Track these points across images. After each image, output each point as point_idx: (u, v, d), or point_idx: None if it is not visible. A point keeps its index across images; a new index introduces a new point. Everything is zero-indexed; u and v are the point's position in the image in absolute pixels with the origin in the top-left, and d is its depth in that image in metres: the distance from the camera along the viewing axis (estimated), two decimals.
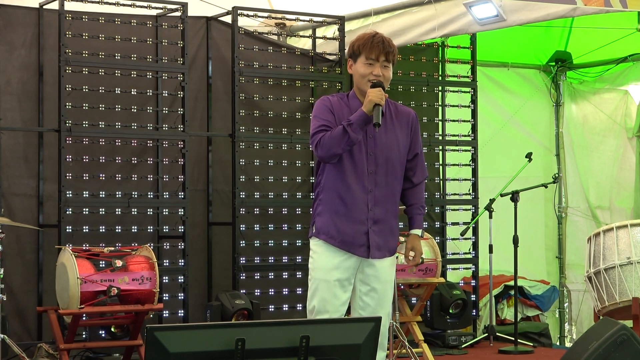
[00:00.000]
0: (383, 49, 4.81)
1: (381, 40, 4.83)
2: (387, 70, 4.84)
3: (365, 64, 4.84)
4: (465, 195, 9.28)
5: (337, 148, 4.75)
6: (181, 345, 3.37)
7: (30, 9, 7.99)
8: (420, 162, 5.00)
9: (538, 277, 10.03)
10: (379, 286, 4.87)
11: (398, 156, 4.89)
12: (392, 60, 4.86)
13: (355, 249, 4.83)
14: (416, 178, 4.99)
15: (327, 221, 4.86)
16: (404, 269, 7.76)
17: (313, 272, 4.89)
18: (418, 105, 9.18)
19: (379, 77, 4.80)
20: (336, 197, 4.84)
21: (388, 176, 4.86)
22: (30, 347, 7.59)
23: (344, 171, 4.82)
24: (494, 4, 7.61)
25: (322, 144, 4.76)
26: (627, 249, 7.04)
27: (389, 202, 4.88)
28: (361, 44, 4.86)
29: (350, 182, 4.82)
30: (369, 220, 4.83)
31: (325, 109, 4.87)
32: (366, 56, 4.83)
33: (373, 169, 4.84)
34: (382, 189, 4.85)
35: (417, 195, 5.01)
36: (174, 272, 7.97)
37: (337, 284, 4.81)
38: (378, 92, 4.73)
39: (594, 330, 5.19)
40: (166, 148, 8.20)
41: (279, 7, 9.15)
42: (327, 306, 4.81)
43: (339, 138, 4.73)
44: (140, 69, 8.02)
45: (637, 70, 9.87)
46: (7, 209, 7.64)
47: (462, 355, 8.38)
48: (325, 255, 4.85)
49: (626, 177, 9.94)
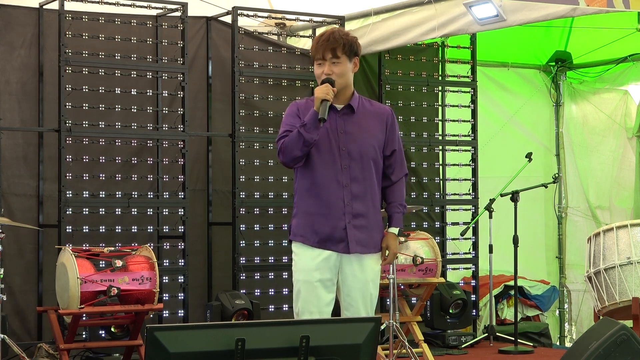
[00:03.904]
0: (327, 46, 4.79)
1: (326, 39, 4.81)
2: (338, 65, 4.80)
3: (317, 65, 4.85)
4: (465, 195, 9.28)
5: (296, 151, 4.73)
6: (181, 345, 3.37)
7: (30, 9, 7.99)
8: (398, 159, 4.97)
9: (538, 277, 10.04)
10: (363, 284, 4.82)
11: (373, 151, 4.85)
12: (342, 54, 4.80)
13: (334, 245, 4.79)
14: (394, 175, 4.96)
15: (301, 222, 4.84)
16: (404, 269, 7.76)
17: (295, 275, 4.87)
18: (418, 105, 9.18)
19: (328, 75, 4.79)
20: (309, 197, 4.82)
21: (365, 171, 4.83)
22: (30, 347, 7.59)
23: (314, 170, 4.80)
24: (494, 4, 7.61)
25: (283, 150, 4.77)
26: (627, 249, 7.04)
27: (368, 197, 4.84)
28: (311, 47, 4.89)
29: (321, 180, 4.79)
30: (347, 215, 4.79)
31: (291, 114, 4.87)
32: (315, 58, 4.85)
33: (347, 164, 4.81)
34: (359, 183, 4.82)
35: (395, 193, 4.96)
36: (174, 272, 7.97)
37: (319, 285, 4.78)
38: (324, 87, 4.72)
39: (594, 330, 5.19)
40: (166, 148, 8.20)
41: (279, 7, 9.14)
42: (311, 307, 4.77)
43: (296, 141, 4.71)
44: (140, 69, 8.02)
45: (637, 70, 9.87)
46: (7, 209, 7.64)
47: (462, 355, 8.38)
48: (305, 256, 4.82)
49: (626, 177, 9.94)
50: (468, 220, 9.20)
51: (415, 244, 7.91)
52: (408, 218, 9.03)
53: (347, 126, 4.83)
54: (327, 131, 4.80)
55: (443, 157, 9.33)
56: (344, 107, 4.88)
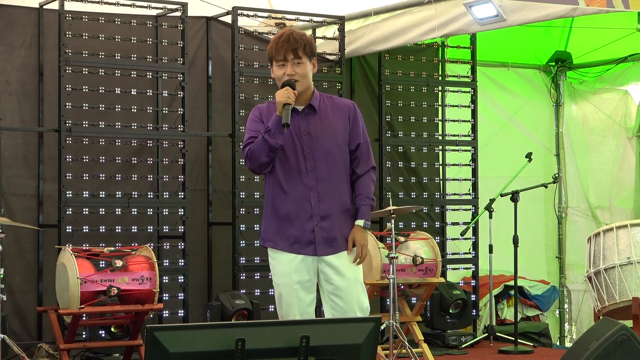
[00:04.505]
0: (289, 47, 4.75)
1: (286, 39, 4.76)
2: (300, 66, 4.77)
3: (278, 66, 4.79)
4: (465, 195, 9.28)
5: (263, 157, 4.70)
6: (181, 345, 3.37)
7: (30, 9, 7.99)
8: (364, 152, 4.90)
9: (538, 277, 10.04)
10: (343, 283, 4.78)
11: (338, 148, 4.82)
12: (303, 54, 4.77)
13: (303, 248, 4.77)
14: (360, 169, 4.90)
15: (269, 228, 4.83)
16: (404, 269, 7.76)
17: (274, 279, 4.84)
18: (418, 105, 9.18)
19: (292, 76, 4.75)
20: (276, 202, 4.80)
21: (331, 170, 4.80)
22: (30, 347, 7.59)
23: (279, 174, 4.78)
24: (494, 4, 7.61)
25: (249, 157, 4.73)
26: (627, 249, 7.04)
27: (336, 196, 4.81)
28: (270, 47, 4.81)
29: (288, 184, 4.77)
30: (315, 217, 4.77)
31: (254, 119, 4.82)
32: (276, 59, 4.79)
33: (312, 165, 4.78)
34: (325, 183, 4.79)
35: (362, 185, 4.89)
36: (174, 272, 7.97)
37: (298, 287, 4.76)
38: (284, 91, 4.68)
39: (594, 330, 5.19)
40: (166, 148, 8.20)
41: (279, 7, 9.14)
42: (293, 310, 4.75)
43: (261, 147, 4.67)
44: (140, 69, 8.02)
45: (637, 70, 9.87)
46: (7, 209, 7.64)
47: (462, 355, 8.38)
48: (280, 260, 4.80)
49: (626, 177, 9.95)
50: (468, 220, 9.20)
51: (415, 244, 7.91)
52: (408, 218, 9.04)
53: (310, 126, 4.80)
54: (290, 134, 4.76)
55: (443, 157, 9.33)
56: (305, 107, 4.83)
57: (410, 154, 9.16)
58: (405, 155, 9.23)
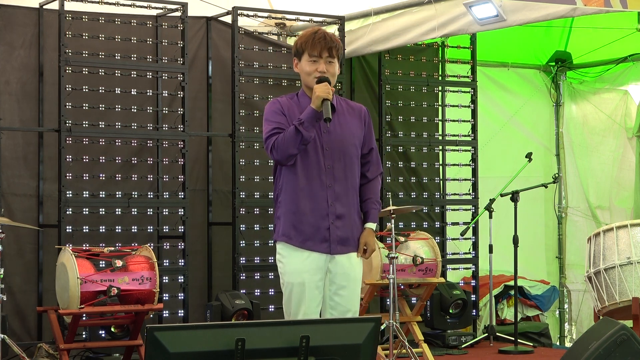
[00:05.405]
0: (325, 45, 4.78)
1: (323, 37, 4.80)
2: (332, 65, 4.81)
3: (309, 62, 4.81)
4: (465, 195, 9.28)
5: (293, 149, 4.71)
6: (181, 345, 3.38)
7: (30, 9, 8.00)
8: (375, 157, 4.97)
9: (538, 277, 10.04)
10: (348, 284, 4.81)
11: (355, 150, 4.86)
12: (336, 55, 4.82)
13: (317, 245, 4.77)
14: (370, 173, 4.95)
15: (286, 223, 4.81)
16: (404, 269, 7.76)
17: (284, 277, 4.82)
18: (418, 105, 9.18)
19: (324, 73, 4.78)
20: (294, 197, 4.80)
21: (347, 170, 4.83)
22: (30, 347, 7.59)
23: (299, 170, 4.78)
24: (494, 4, 7.61)
25: (276, 147, 4.72)
26: (627, 249, 7.04)
27: (350, 196, 4.84)
28: (303, 41, 4.83)
29: (307, 180, 4.78)
30: (330, 215, 4.78)
31: (276, 111, 4.83)
32: (309, 54, 4.80)
33: (330, 164, 4.80)
34: (341, 183, 4.81)
35: (372, 190, 4.95)
36: (174, 272, 7.97)
37: (311, 286, 4.76)
38: (324, 87, 4.70)
39: (594, 330, 5.19)
40: (166, 148, 8.20)
41: (279, 7, 9.15)
42: (303, 308, 4.75)
43: (293, 138, 4.69)
44: (140, 69, 8.02)
45: (637, 70, 9.87)
46: (7, 209, 7.64)
47: (462, 355, 8.38)
48: (292, 258, 4.80)
49: (626, 177, 9.95)
50: (468, 220, 9.20)
51: (415, 244, 7.91)
52: (408, 218, 9.04)
53: (330, 125, 4.81)
54: None
55: (443, 157, 9.33)
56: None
57: (410, 154, 9.16)
58: (405, 155, 9.23)
